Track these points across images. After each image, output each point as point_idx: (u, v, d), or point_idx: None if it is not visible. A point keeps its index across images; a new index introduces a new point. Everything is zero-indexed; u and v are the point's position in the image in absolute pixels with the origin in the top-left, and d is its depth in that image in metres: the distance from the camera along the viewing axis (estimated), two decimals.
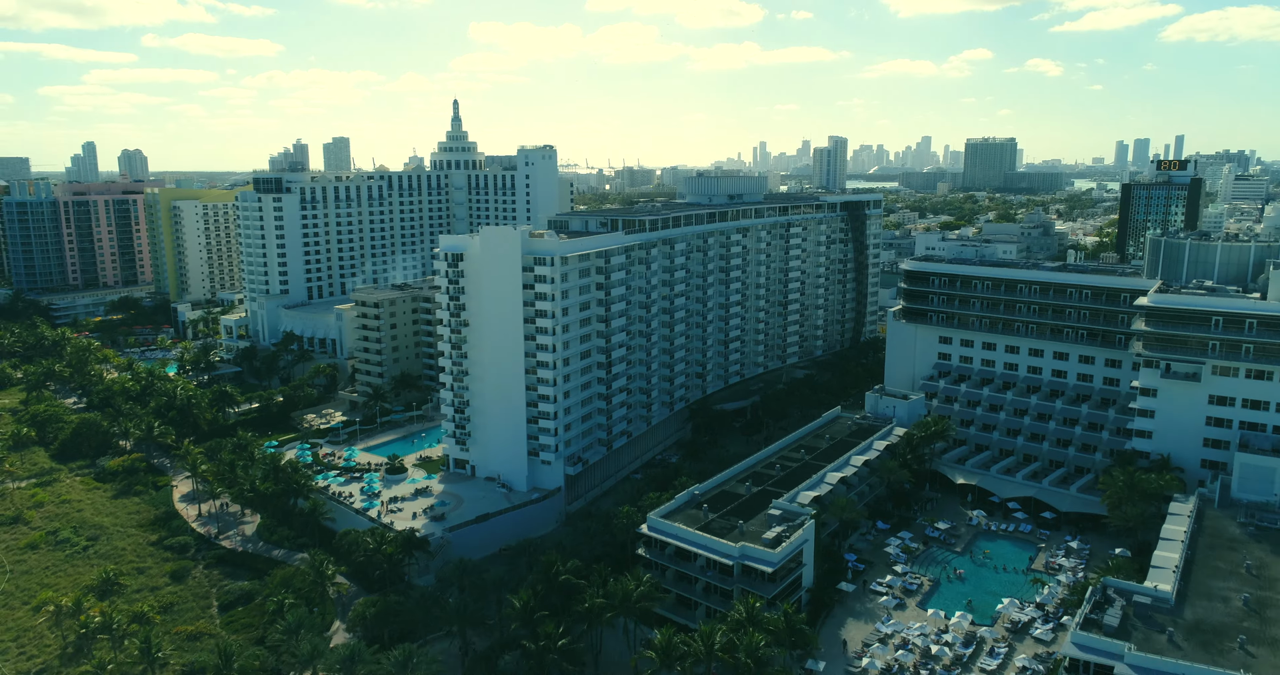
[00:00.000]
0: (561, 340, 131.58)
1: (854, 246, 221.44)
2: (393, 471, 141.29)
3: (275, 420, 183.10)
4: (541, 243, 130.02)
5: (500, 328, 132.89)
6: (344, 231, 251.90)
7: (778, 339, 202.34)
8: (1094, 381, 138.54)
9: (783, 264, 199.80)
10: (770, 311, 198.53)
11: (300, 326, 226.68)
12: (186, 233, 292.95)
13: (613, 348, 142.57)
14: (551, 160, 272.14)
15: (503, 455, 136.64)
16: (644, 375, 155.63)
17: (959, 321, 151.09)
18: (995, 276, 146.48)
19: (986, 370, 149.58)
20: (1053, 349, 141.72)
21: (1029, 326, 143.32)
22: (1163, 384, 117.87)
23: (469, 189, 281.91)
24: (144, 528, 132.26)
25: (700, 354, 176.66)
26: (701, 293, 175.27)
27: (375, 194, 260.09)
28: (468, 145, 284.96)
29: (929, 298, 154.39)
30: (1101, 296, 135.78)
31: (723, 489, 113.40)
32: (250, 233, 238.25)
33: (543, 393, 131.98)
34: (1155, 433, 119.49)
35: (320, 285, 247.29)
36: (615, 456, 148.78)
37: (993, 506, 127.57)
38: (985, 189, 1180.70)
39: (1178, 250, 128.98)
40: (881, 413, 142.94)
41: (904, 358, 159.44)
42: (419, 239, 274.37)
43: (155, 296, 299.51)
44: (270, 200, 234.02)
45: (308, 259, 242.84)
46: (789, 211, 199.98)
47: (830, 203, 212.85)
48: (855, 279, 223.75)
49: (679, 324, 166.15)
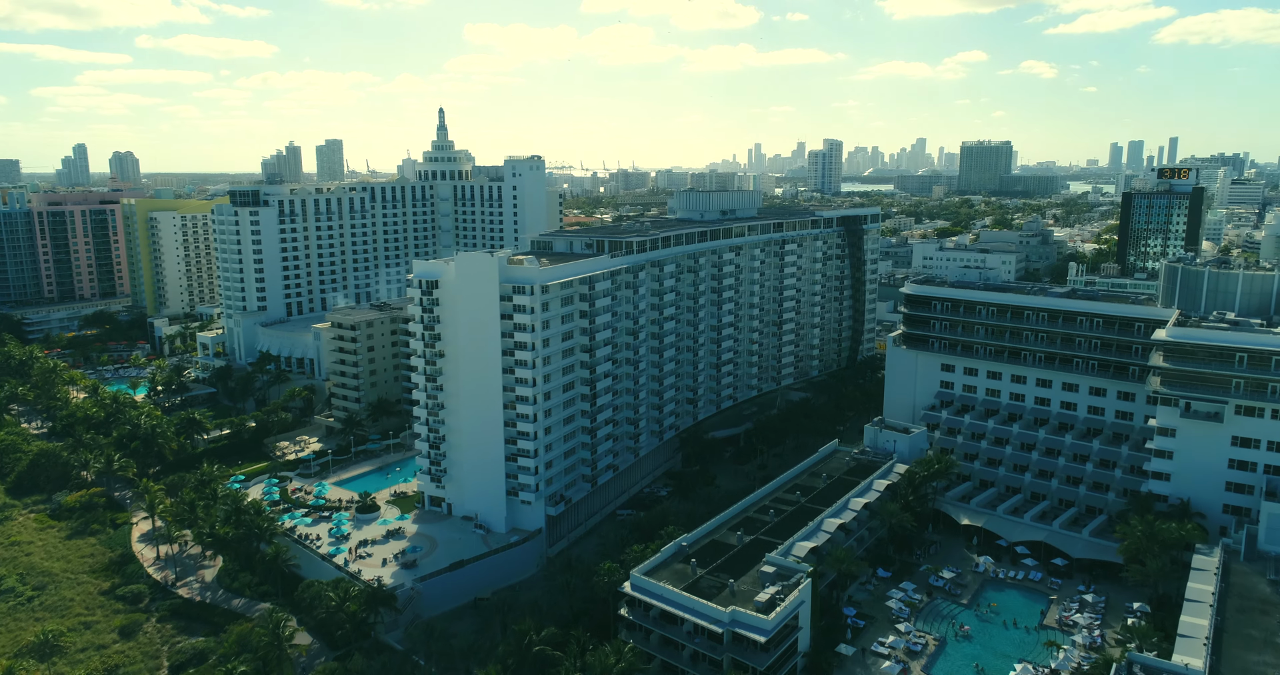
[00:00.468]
0: (542, 373, 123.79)
1: (851, 262, 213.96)
2: (364, 510, 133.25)
3: (247, 448, 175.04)
4: (521, 270, 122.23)
5: (477, 359, 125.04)
6: (324, 246, 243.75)
7: (772, 360, 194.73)
8: (1105, 415, 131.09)
9: (777, 282, 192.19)
10: (764, 332, 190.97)
11: (277, 345, 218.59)
12: (164, 245, 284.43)
13: (598, 378, 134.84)
14: (540, 171, 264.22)
15: (480, 494, 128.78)
16: (631, 405, 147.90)
17: (962, 348, 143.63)
18: (1001, 302, 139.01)
19: (991, 401, 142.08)
20: (1062, 380, 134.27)
21: (1036, 355, 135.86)
22: (1182, 424, 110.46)
23: (455, 200, 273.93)
24: (97, 574, 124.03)
25: (691, 379, 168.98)
26: (692, 315, 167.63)
27: (357, 206, 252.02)
28: (454, 155, 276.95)
29: (930, 323, 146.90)
30: (1114, 326, 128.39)
31: (712, 538, 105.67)
32: (226, 248, 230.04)
33: (522, 429, 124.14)
34: (1174, 475, 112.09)
35: (300, 301, 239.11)
36: (601, 492, 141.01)
37: (1000, 550, 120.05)
38: (981, 192, 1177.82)
39: (1195, 278, 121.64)
40: (881, 447, 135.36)
41: (904, 385, 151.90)
42: (403, 252, 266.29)
43: (132, 310, 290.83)
44: (247, 214, 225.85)
45: (286, 274, 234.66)
46: (784, 228, 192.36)
47: (826, 218, 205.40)
48: (852, 296, 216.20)
49: (668, 349, 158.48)
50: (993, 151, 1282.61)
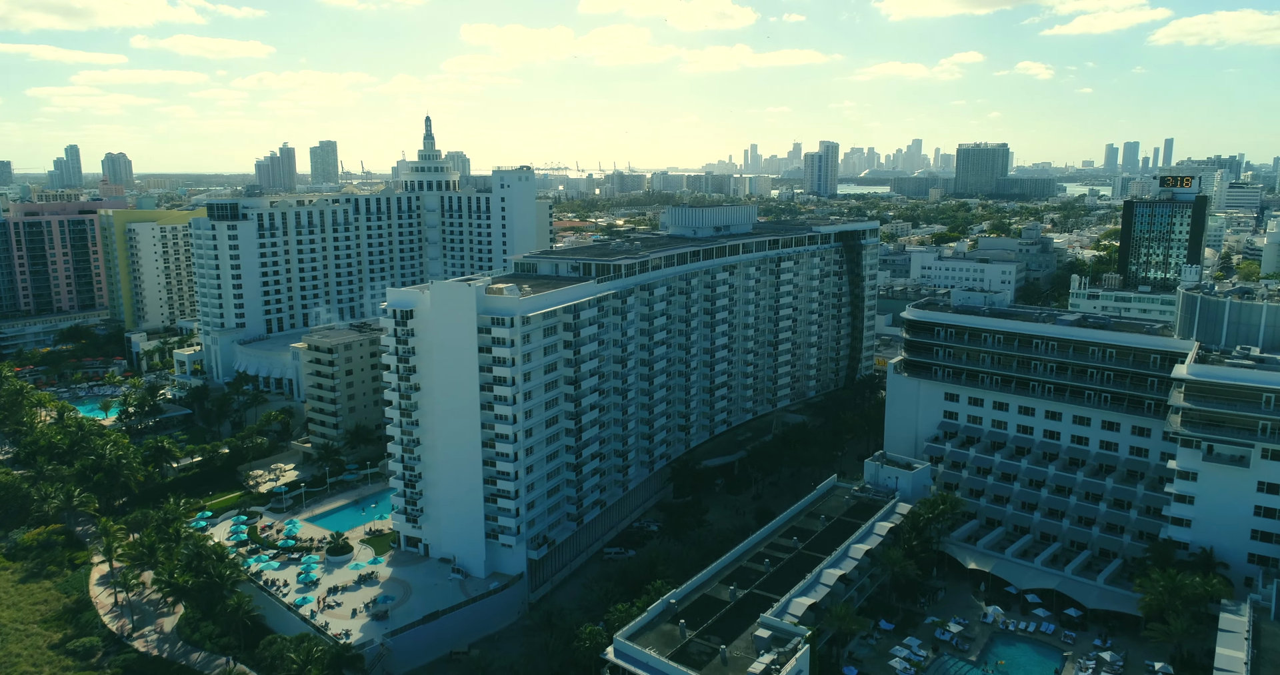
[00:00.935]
0: (523, 409, 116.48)
1: (849, 279, 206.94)
2: (335, 551, 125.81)
3: (219, 476, 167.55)
4: (500, 300, 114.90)
5: (454, 393, 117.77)
6: (306, 260, 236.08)
7: (768, 382, 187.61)
8: (1119, 451, 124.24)
9: (773, 302, 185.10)
10: (760, 353, 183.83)
11: (255, 365, 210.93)
12: (143, 257, 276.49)
13: (583, 411, 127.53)
14: (529, 182, 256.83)
15: (458, 536, 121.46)
16: (619, 436, 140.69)
17: (967, 377, 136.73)
18: (1007, 330, 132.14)
19: (998, 433, 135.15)
20: (1073, 412, 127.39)
21: (1045, 386, 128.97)
22: (1204, 467, 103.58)
23: (442, 211, 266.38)
24: (49, 623, 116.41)
25: (683, 404, 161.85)
26: (684, 338, 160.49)
27: (340, 218, 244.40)
28: (441, 165, 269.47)
29: (933, 350, 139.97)
30: (1128, 357, 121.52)
31: (703, 593, 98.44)
32: (204, 263, 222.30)
33: (501, 468, 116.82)
34: (1195, 521, 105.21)
35: (280, 317, 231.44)
36: (587, 530, 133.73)
37: (1009, 598, 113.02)
38: (977, 195, 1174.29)
39: (1216, 309, 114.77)
40: (882, 483, 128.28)
41: (905, 414, 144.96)
42: (388, 266, 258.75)
43: (110, 324, 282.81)
44: (225, 228, 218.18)
45: (266, 290, 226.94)
46: (780, 245, 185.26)
47: (824, 234, 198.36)
48: (851, 314, 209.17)
49: (659, 375, 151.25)
50: (989, 154, 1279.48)
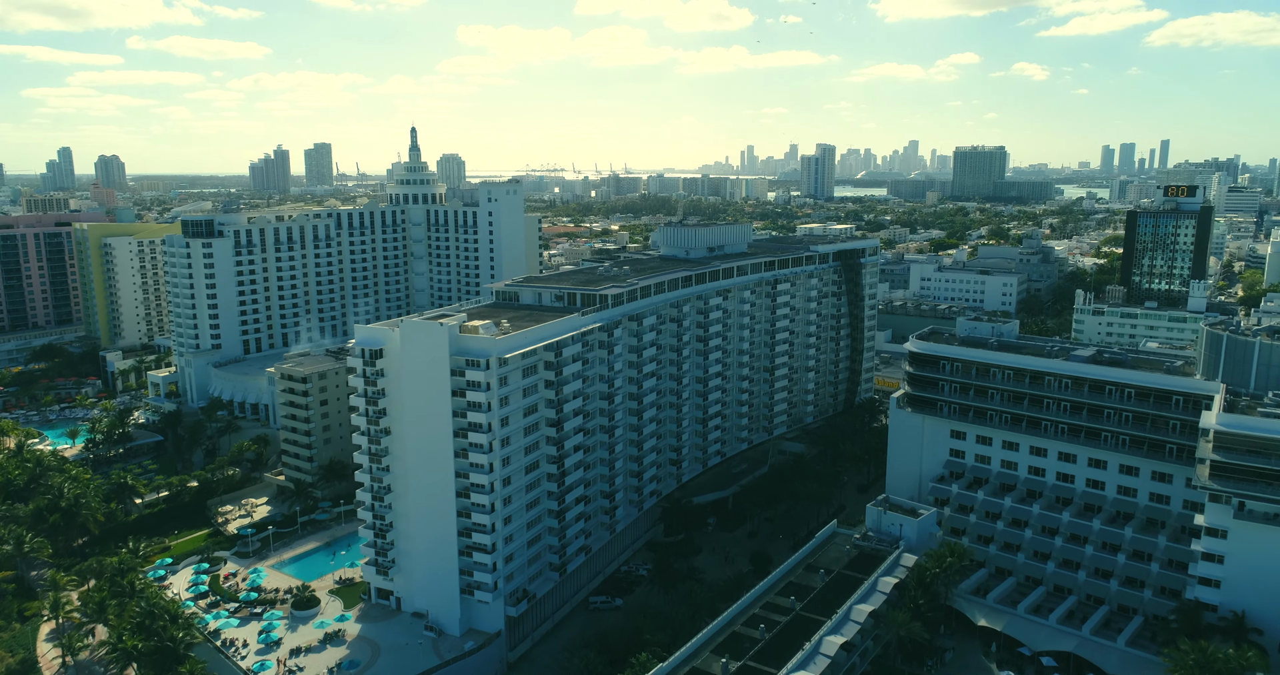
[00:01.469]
0: (499, 456, 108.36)
1: (848, 299, 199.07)
2: (301, 605, 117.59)
3: (187, 512, 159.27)
4: (474, 340, 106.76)
5: (426, 438, 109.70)
6: (285, 278, 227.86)
7: (763, 409, 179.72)
8: (1138, 497, 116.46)
9: (769, 325, 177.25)
10: (755, 379, 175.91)
11: (230, 389, 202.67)
12: (119, 272, 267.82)
13: (566, 453, 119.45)
14: (517, 196, 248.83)
15: (431, 590, 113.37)
16: (606, 476, 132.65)
17: (975, 414, 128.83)
18: (1018, 366, 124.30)
19: (1008, 474, 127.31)
20: (1088, 455, 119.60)
21: (1059, 426, 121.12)
22: (1235, 525, 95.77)
23: (428, 225, 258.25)
24: None
25: (674, 437, 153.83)
26: (675, 368, 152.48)
27: (322, 234, 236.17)
28: (427, 177, 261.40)
29: (939, 385, 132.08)
30: (1148, 398, 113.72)
31: (692, 666, 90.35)
32: (178, 283, 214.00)
33: (477, 521, 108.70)
34: (1225, 582, 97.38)
35: (259, 337, 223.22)
36: (571, 579, 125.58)
37: (1023, 659, 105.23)
38: (975, 198, 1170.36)
39: (1244, 349, 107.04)
40: (886, 530, 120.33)
41: (909, 452, 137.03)
42: (372, 283, 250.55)
43: (85, 342, 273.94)
44: (199, 246, 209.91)
45: (243, 310, 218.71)
46: (775, 266, 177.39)
47: (822, 253, 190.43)
48: (850, 335, 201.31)
49: (649, 409, 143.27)
50: (986, 156, 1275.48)
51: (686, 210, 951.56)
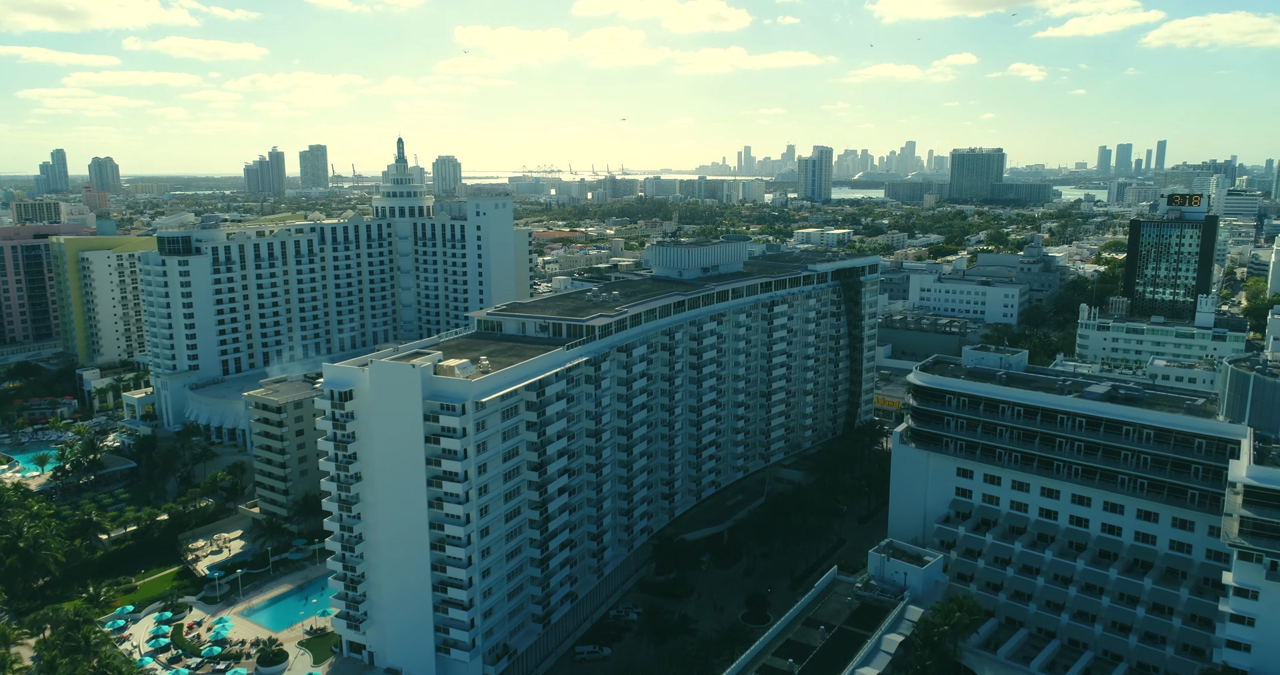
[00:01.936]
0: (476, 506, 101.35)
1: (847, 319, 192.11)
2: (268, 661, 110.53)
3: (157, 548, 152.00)
4: (449, 383, 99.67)
5: (399, 487, 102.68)
6: (266, 295, 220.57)
7: (760, 436, 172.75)
8: (1157, 544, 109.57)
9: (765, 349, 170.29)
10: (751, 406, 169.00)
11: (207, 413, 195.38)
12: (97, 287, 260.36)
13: (550, 498, 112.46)
14: (506, 209, 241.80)
15: (406, 646, 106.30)
16: (593, 518, 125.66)
17: (982, 452, 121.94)
18: (1028, 402, 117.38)
19: (1018, 515, 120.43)
20: (1103, 498, 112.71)
21: (1072, 467, 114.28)
22: (1267, 586, 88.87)
23: (415, 239, 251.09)
24: None
25: (666, 471, 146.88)
26: (668, 398, 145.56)
27: (304, 249, 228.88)
28: (414, 189, 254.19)
29: (944, 420, 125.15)
30: (1168, 441, 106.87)
31: None
32: (153, 302, 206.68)
33: (453, 575, 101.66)
34: (1256, 646, 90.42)
35: (238, 357, 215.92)
36: (556, 628, 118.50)
37: None
38: (972, 200, 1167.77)
39: (1271, 391, 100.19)
40: (889, 579, 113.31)
41: (912, 490, 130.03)
42: (357, 299, 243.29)
43: (62, 359, 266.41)
44: (175, 263, 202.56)
45: (222, 330, 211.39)
46: (772, 287, 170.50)
47: (820, 272, 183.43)
48: (849, 356, 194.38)
49: (639, 443, 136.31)
50: (984, 159, 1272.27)
51: (683, 213, 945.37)
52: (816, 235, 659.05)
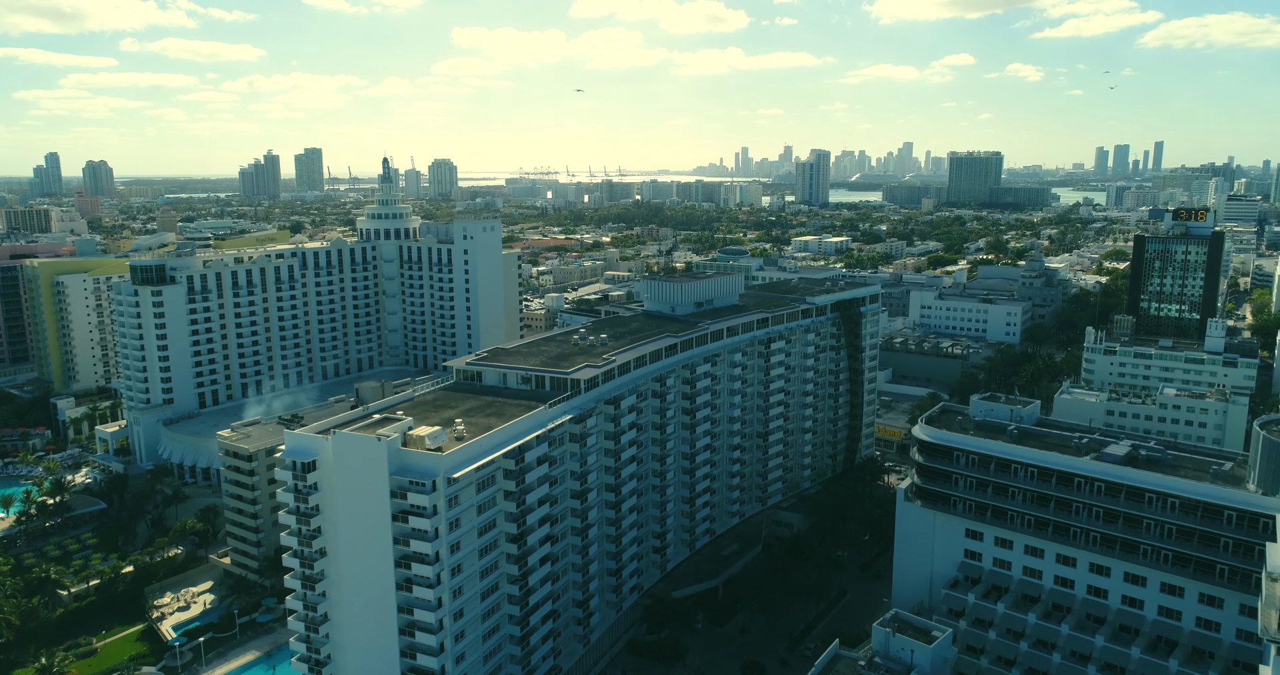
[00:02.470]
0: (449, 589, 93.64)
1: (847, 352, 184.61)
2: None
3: (122, 603, 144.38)
4: (419, 458, 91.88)
5: (365, 567, 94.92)
6: (245, 324, 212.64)
7: (757, 478, 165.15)
8: (1183, 620, 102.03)
9: (762, 388, 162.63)
10: (747, 447, 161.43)
11: (180, 451, 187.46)
12: (73, 312, 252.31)
13: (531, 570, 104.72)
14: (494, 232, 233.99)
15: None
16: (579, 583, 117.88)
17: (994, 515, 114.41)
18: (1043, 464, 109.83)
19: (1031, 583, 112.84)
20: (1124, 569, 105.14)
21: (1090, 535, 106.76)
22: None
23: (401, 262, 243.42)
24: None
25: (658, 523, 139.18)
26: (659, 448, 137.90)
27: (285, 276, 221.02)
28: (400, 211, 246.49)
29: (953, 479, 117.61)
30: (1194, 512, 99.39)
31: None
32: (126, 333, 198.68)
33: (424, 663, 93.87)
34: None
35: (215, 389, 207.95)
36: None
37: None
38: (970, 203, 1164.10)
39: None
40: (895, 656, 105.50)
41: (918, 551, 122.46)
42: (340, 326, 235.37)
43: (37, 385, 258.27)
44: (149, 294, 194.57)
45: (198, 361, 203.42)
46: (769, 323, 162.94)
47: (819, 305, 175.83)
48: (850, 390, 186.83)
49: (628, 498, 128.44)
50: (982, 162, 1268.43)
51: (679, 219, 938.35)
52: (814, 243, 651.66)
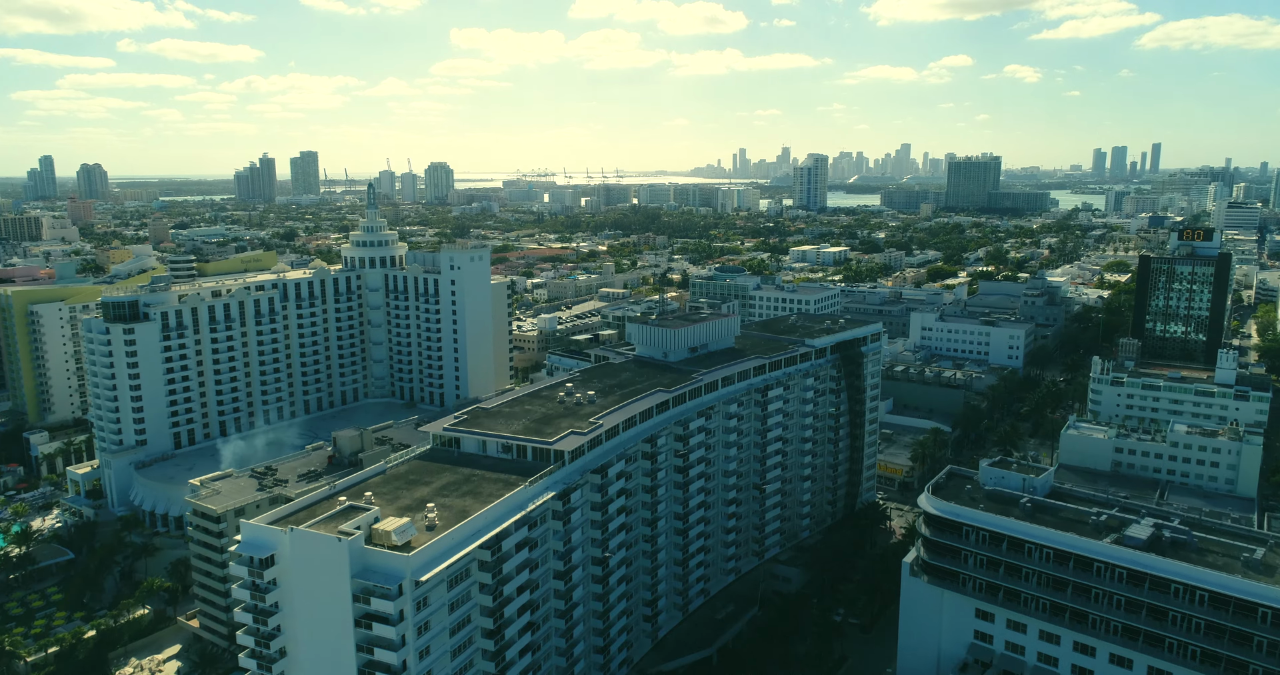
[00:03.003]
0: None
1: (848, 394, 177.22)
2: None
3: (83, 669, 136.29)
4: (383, 559, 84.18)
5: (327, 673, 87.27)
6: (223, 360, 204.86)
7: (753, 532, 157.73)
8: None
9: (759, 438, 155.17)
10: (744, 500, 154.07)
11: (151, 498, 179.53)
12: (48, 342, 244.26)
13: (509, 664, 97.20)
14: (482, 262, 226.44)
15: None
16: (562, 669, 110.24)
17: (1005, 596, 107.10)
18: (1059, 546, 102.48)
19: (1046, 670, 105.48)
20: (1148, 663, 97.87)
21: (1111, 624, 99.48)
22: None
23: (386, 291, 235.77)
24: None
25: (649, 590, 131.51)
26: (649, 511, 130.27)
27: (265, 308, 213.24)
28: (385, 238, 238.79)
29: (962, 556, 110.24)
30: (1225, 607, 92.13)
31: None
32: (97, 372, 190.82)
33: None
34: None
35: (191, 429, 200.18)
36: None
37: None
38: (969, 208, 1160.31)
39: None
40: None
41: (925, 629, 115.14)
42: (324, 358, 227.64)
43: (12, 417, 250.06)
44: (120, 332, 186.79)
45: (173, 400, 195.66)
46: (766, 369, 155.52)
47: (818, 347, 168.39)
48: (850, 434, 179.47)
49: (617, 570, 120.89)
50: (980, 167, 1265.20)
51: (676, 226, 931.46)
52: (812, 253, 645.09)
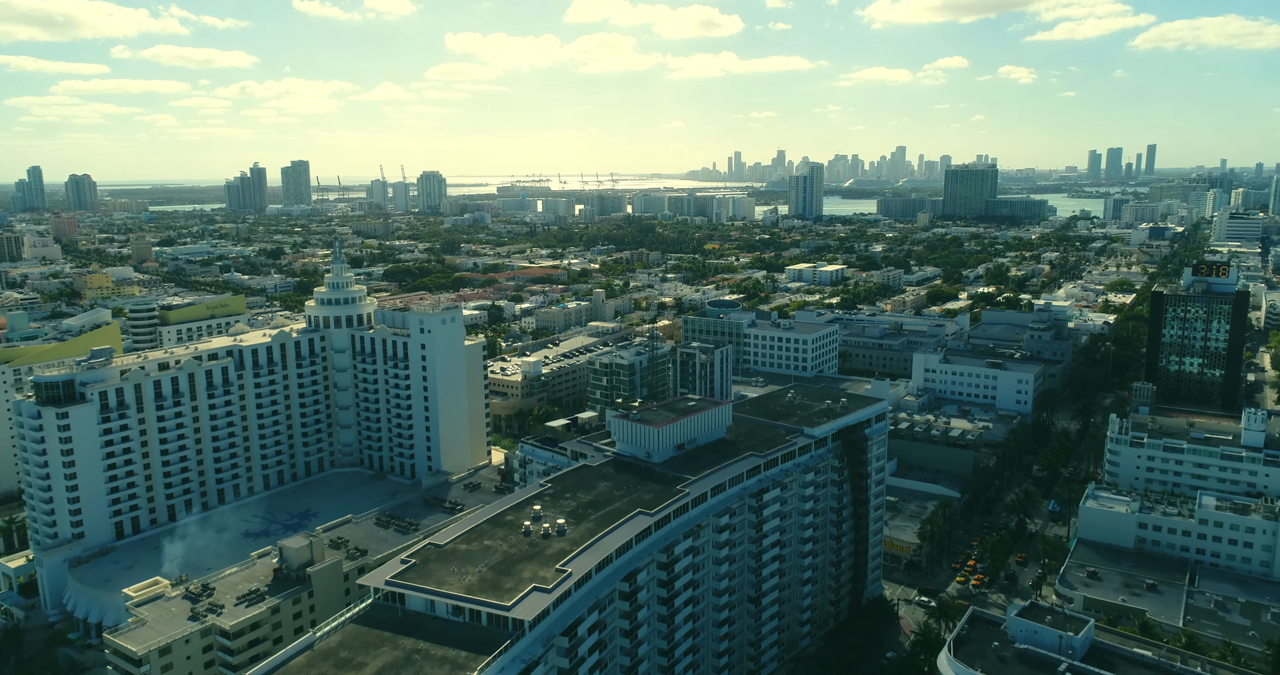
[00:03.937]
0: None
1: (851, 483, 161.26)
2: None
3: None
4: None
5: None
6: (171, 439, 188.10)
7: (749, 648, 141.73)
8: None
9: (754, 547, 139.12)
10: (737, 617, 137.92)
11: (85, 604, 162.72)
12: None
13: None
14: (455, 324, 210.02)
15: None
16: None
17: None
18: None
19: None
20: None
21: None
22: None
23: (353, 352, 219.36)
24: None
25: None
26: (629, 658, 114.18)
27: (218, 380, 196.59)
28: (352, 296, 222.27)
29: None
30: None
31: None
32: (29, 459, 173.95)
33: None
34: None
35: (136, 516, 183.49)
36: None
37: None
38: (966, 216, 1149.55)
39: None
40: None
41: None
42: (285, 428, 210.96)
43: None
44: (53, 415, 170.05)
45: (114, 487, 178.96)
46: (761, 469, 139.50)
47: (819, 437, 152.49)
48: (853, 525, 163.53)
49: None
50: (978, 175, 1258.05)
51: (670, 239, 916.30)
52: (809, 272, 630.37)
